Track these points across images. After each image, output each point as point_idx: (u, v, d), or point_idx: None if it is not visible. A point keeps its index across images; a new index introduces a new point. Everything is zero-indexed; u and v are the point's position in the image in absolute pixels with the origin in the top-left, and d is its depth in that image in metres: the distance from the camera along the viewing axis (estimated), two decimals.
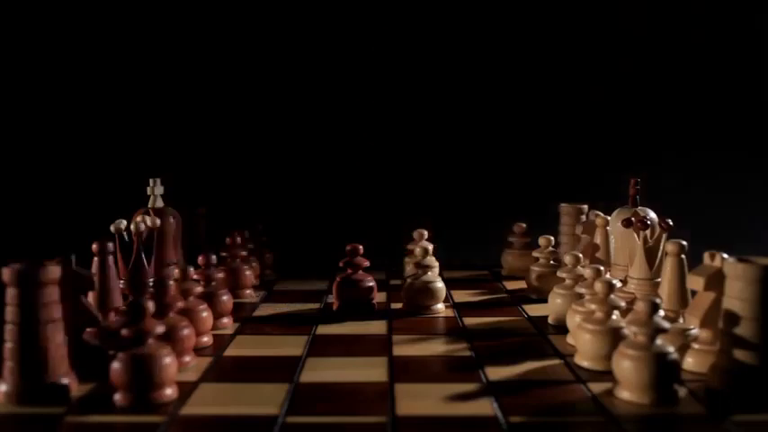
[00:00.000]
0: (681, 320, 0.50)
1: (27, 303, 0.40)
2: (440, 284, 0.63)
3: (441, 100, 0.92)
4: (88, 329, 0.46)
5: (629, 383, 0.41)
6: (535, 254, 0.70)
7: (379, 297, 0.66)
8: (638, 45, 0.92)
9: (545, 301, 0.61)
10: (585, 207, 0.75)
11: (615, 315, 0.47)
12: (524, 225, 0.79)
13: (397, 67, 0.91)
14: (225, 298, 0.58)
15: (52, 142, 0.89)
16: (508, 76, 0.92)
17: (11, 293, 0.41)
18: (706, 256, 0.47)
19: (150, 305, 0.42)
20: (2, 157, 0.88)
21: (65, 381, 0.42)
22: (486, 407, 0.40)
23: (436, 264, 0.64)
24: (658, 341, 0.41)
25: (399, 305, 0.64)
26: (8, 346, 0.41)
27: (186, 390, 0.43)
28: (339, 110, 0.92)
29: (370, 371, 0.47)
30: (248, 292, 0.69)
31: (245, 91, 0.91)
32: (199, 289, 0.55)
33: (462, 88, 0.92)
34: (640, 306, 0.42)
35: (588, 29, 0.92)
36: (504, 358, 0.49)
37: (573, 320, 0.52)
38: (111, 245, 0.54)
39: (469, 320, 0.60)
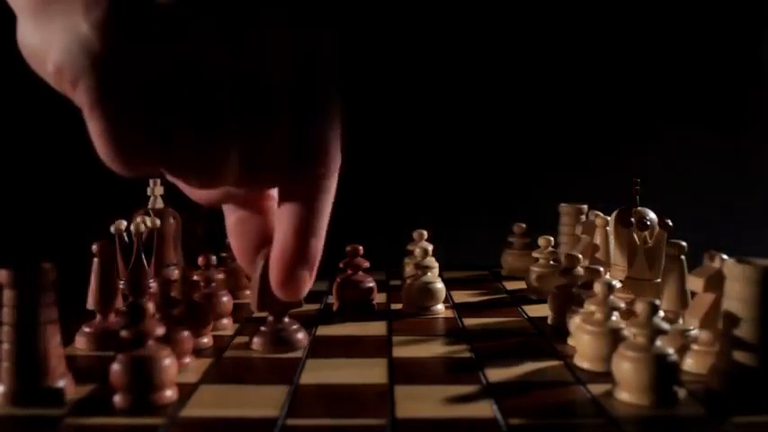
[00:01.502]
0: (680, 321, 0.50)
1: (24, 305, 0.40)
2: (440, 285, 0.63)
3: (440, 100, 0.92)
4: None
5: (629, 385, 0.41)
6: (535, 254, 0.70)
7: (379, 298, 0.66)
8: (638, 45, 0.92)
9: (545, 301, 0.61)
10: (585, 207, 0.75)
11: (615, 316, 0.47)
12: (524, 225, 0.79)
13: (395, 66, 0.91)
14: (225, 299, 0.58)
15: (52, 142, 0.89)
16: (508, 76, 0.92)
17: (7, 295, 0.41)
18: (706, 256, 0.47)
19: (150, 306, 0.42)
20: (2, 156, 0.88)
21: (61, 383, 0.42)
22: (486, 409, 0.40)
23: (436, 264, 0.64)
24: (658, 342, 0.41)
25: (399, 306, 0.64)
26: (5, 347, 0.41)
27: (186, 391, 0.43)
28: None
29: (370, 372, 0.46)
30: (248, 292, 0.69)
31: None
32: None
33: (462, 88, 0.92)
34: (640, 307, 0.42)
35: (588, 29, 0.92)
36: (504, 359, 0.49)
37: (573, 322, 0.52)
38: (110, 245, 0.54)
39: (469, 321, 0.60)
